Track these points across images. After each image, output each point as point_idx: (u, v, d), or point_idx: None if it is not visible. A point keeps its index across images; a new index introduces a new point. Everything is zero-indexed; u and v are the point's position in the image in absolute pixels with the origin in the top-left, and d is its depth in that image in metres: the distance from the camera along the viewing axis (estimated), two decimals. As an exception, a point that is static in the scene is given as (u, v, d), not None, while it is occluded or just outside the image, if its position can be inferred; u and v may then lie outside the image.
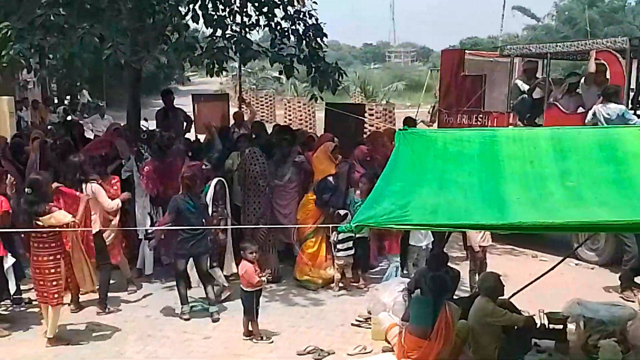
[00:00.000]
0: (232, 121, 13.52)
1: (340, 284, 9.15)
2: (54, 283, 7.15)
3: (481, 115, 12.36)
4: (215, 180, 8.84)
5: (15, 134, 13.10)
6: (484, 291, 6.60)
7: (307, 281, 9.21)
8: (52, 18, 8.63)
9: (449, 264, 7.47)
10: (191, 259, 8.19)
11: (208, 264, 8.31)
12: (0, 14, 9.25)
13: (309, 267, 9.20)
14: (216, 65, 10.70)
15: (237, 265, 8.34)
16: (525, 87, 11.67)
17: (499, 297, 6.62)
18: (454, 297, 7.24)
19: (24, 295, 8.38)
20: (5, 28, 8.61)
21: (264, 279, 7.56)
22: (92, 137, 13.33)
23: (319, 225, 9.05)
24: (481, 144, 5.68)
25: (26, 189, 7.15)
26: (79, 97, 29.62)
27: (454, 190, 5.12)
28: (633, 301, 8.37)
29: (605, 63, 10.42)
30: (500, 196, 4.97)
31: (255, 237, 8.92)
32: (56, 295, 7.18)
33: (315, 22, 11.73)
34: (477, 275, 8.49)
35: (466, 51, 14.20)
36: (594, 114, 9.85)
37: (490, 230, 8.01)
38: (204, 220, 8.12)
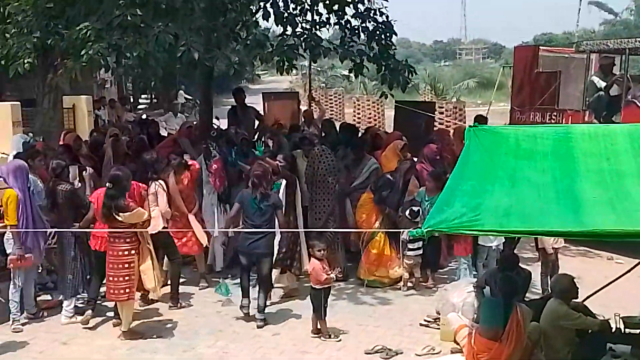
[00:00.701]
0: (302, 119, 13.61)
1: (409, 284, 9.09)
2: (126, 278, 7.30)
3: (555, 113, 12.10)
4: (284, 181, 8.72)
5: (93, 130, 13.53)
6: (557, 293, 6.45)
7: (374, 281, 9.17)
8: (129, 18, 8.86)
9: (520, 264, 7.34)
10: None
11: (270, 268, 8.13)
12: (81, 14, 9.55)
13: (375, 267, 9.17)
14: (286, 63, 10.78)
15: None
16: (602, 84, 11.37)
17: (573, 300, 6.46)
18: (525, 299, 7.10)
19: (100, 289, 8.64)
20: (85, 28, 8.90)
21: (332, 276, 7.56)
22: (166, 135, 13.64)
23: (389, 230, 8.93)
24: (555, 141, 5.51)
25: (107, 183, 7.37)
26: (177, 97, 30.32)
27: (526, 189, 4.99)
28: None
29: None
30: (575, 195, 4.82)
31: (323, 235, 8.96)
32: (127, 290, 7.33)
33: (385, 20, 11.70)
34: (548, 277, 8.31)
35: (540, 47, 13.92)
36: None
37: (565, 237, 7.81)
38: (275, 220, 7.95)
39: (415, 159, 10.36)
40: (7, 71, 10.27)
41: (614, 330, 6.62)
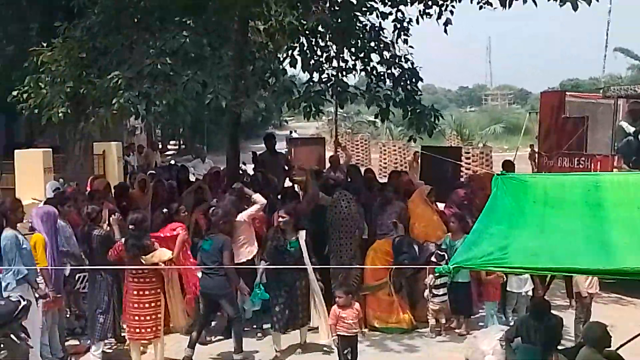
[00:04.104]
0: (327, 165, 13.67)
1: (436, 330, 8.96)
2: (154, 316, 7.45)
3: (583, 158, 12.02)
4: (303, 232, 8.45)
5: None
6: (590, 342, 6.31)
7: (387, 328, 9.07)
8: (159, 67, 9.04)
9: (551, 311, 7.22)
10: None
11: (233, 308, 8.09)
12: (112, 64, 9.75)
13: (386, 314, 9.10)
14: (313, 109, 10.87)
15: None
16: (631, 129, 11.33)
17: (606, 349, 6.32)
18: (559, 346, 6.96)
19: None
20: (116, 77, 9.09)
21: (343, 325, 7.32)
22: (194, 180, 13.78)
23: (419, 266, 8.73)
24: (584, 190, 5.46)
25: (130, 226, 7.54)
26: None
27: (555, 234, 4.95)
28: None
29: None
30: (605, 240, 4.76)
31: (347, 281, 8.89)
32: (154, 329, 7.45)
33: (411, 66, 11.78)
34: (582, 324, 8.15)
35: (567, 93, 13.93)
36: None
37: (596, 275, 7.68)
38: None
39: (444, 204, 10.33)
40: (41, 119, 10.48)
41: (647, 379, 6.47)
